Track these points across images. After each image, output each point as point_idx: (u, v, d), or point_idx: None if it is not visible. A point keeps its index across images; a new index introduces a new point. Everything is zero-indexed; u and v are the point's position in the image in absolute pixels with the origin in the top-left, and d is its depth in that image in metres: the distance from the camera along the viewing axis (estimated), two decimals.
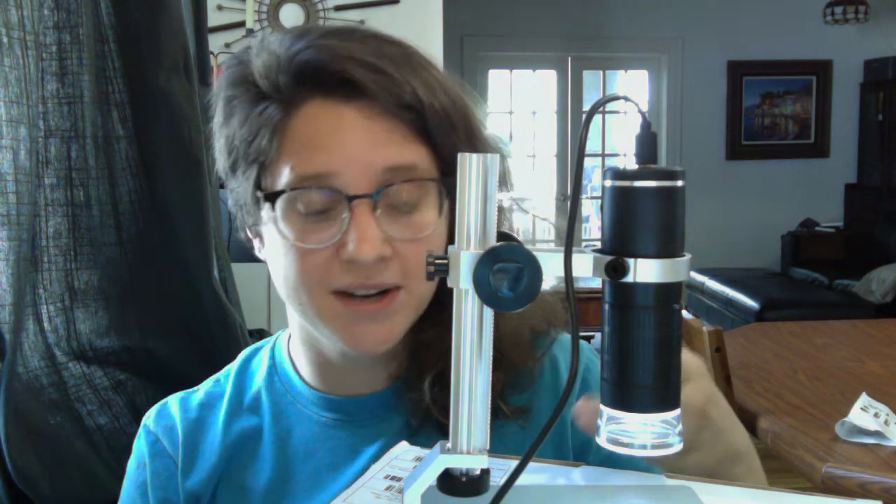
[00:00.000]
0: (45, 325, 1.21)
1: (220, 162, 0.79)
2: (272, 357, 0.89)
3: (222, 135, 0.77)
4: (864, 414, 1.75)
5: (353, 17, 2.50)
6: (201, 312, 1.30)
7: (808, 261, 6.00)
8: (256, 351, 0.92)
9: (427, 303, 0.78)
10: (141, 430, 0.88)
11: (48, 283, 1.21)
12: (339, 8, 2.52)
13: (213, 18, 2.18)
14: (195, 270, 1.28)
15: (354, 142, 0.71)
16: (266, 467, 0.82)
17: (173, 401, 0.89)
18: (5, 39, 1.03)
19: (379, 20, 2.48)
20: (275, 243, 0.75)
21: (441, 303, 0.79)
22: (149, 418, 0.89)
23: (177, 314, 1.29)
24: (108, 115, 1.23)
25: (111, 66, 1.23)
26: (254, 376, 0.88)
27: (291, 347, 0.87)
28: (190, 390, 0.90)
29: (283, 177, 0.72)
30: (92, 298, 1.24)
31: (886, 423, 1.74)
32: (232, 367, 0.91)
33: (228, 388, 0.88)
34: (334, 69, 0.71)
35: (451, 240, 0.65)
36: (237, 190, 0.77)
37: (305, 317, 0.77)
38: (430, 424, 0.77)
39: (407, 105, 0.72)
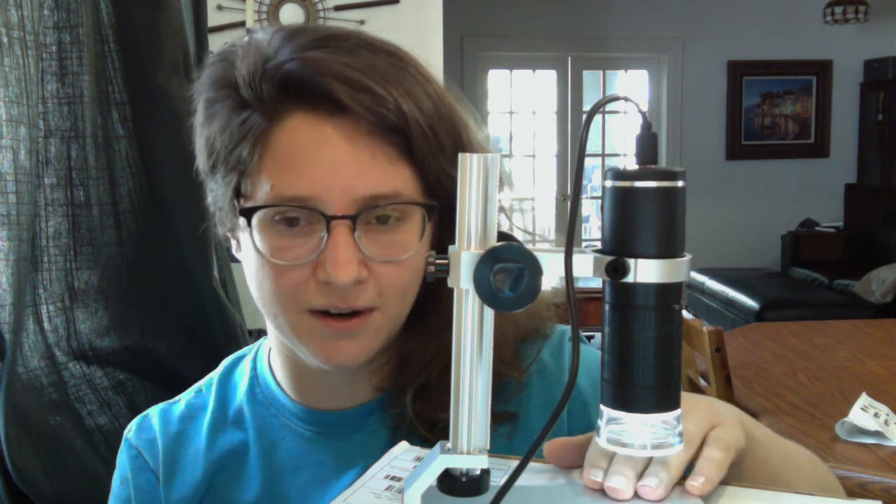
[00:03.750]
0: (45, 325, 1.21)
1: (200, 161, 0.77)
2: (253, 368, 0.87)
3: (202, 135, 0.75)
4: (864, 414, 1.75)
5: (353, 17, 2.50)
6: (201, 312, 1.30)
7: (808, 261, 6.00)
8: (238, 361, 0.90)
9: (402, 321, 0.77)
10: (123, 444, 0.87)
11: (48, 283, 1.21)
12: (339, 8, 2.52)
13: (213, 18, 2.18)
14: (195, 270, 1.28)
15: (336, 165, 0.69)
16: (254, 483, 0.81)
17: (154, 412, 0.87)
18: (5, 39, 1.03)
19: (379, 20, 2.48)
20: (250, 254, 0.74)
21: (423, 313, 0.78)
22: (130, 431, 0.87)
23: (177, 314, 1.29)
24: (108, 115, 1.23)
25: (111, 66, 1.23)
26: (237, 388, 0.87)
27: (272, 359, 0.86)
28: (171, 401, 0.88)
29: (263, 191, 0.70)
30: (92, 298, 1.24)
31: (886, 423, 1.74)
32: (214, 377, 0.89)
33: (211, 400, 0.86)
34: (318, 85, 0.69)
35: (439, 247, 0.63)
36: (216, 192, 0.75)
37: (280, 330, 0.76)
38: (415, 437, 0.75)
39: (391, 126, 0.70)
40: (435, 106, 0.73)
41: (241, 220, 0.73)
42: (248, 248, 0.74)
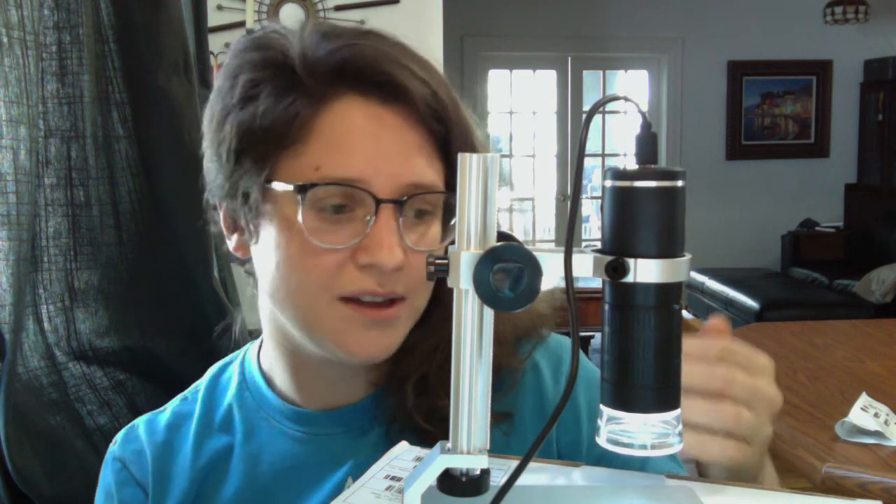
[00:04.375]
0: (45, 325, 1.21)
1: (224, 145, 0.73)
2: (242, 372, 0.86)
3: (235, 119, 0.72)
4: (864, 414, 1.75)
5: (353, 17, 2.50)
6: (201, 312, 1.30)
7: (808, 261, 6.00)
8: (226, 366, 0.89)
9: (419, 316, 0.77)
10: (107, 458, 0.86)
11: (48, 283, 1.21)
12: (339, 8, 2.51)
13: (213, 18, 2.18)
14: (195, 270, 1.28)
15: (387, 150, 0.70)
16: (235, 488, 0.80)
17: (140, 423, 0.86)
18: (5, 39, 1.03)
19: (379, 20, 2.48)
20: (275, 241, 0.72)
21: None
22: (115, 444, 0.86)
23: (177, 314, 1.29)
24: (108, 115, 1.23)
25: (111, 66, 1.23)
26: (225, 393, 0.86)
27: (264, 359, 0.85)
28: (157, 410, 0.87)
29: (307, 173, 0.69)
30: (92, 298, 1.24)
31: (886, 423, 1.74)
32: (201, 384, 0.88)
33: (197, 407, 0.85)
34: (379, 70, 0.70)
35: None
36: (238, 180, 0.73)
37: (298, 322, 0.74)
38: (411, 432, 0.75)
39: (438, 118, 0.71)
40: (458, 105, 0.75)
41: (269, 206, 0.71)
42: (270, 239, 0.73)
